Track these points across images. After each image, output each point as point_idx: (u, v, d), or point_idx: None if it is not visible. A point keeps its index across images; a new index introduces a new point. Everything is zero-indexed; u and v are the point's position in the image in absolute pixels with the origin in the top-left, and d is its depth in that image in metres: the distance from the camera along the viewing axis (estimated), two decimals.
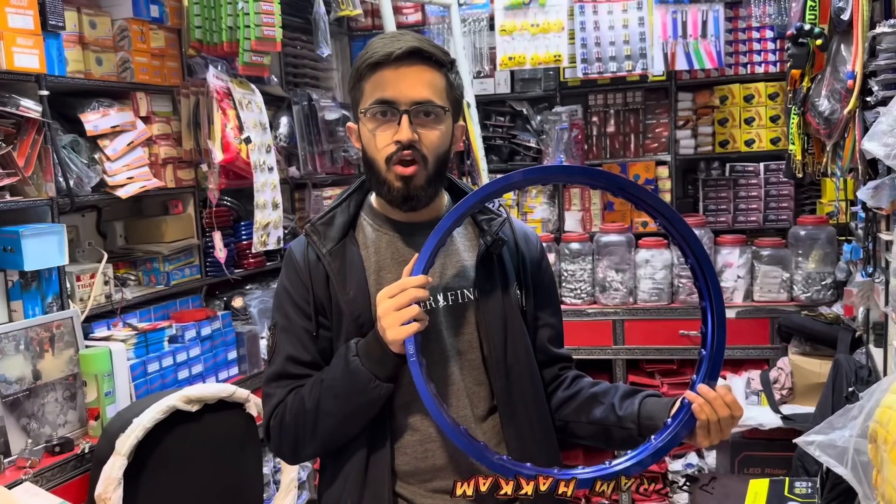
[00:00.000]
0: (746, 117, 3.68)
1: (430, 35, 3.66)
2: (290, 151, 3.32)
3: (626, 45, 3.41)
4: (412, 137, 1.24)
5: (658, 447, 1.21)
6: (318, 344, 1.33)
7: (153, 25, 2.68)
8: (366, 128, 1.28)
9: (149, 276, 2.75)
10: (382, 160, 1.27)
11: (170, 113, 2.78)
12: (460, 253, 1.37)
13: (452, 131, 1.32)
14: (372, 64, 1.25)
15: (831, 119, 2.23)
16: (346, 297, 1.30)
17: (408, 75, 1.24)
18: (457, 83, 1.32)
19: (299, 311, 1.33)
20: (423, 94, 1.25)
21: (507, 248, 1.38)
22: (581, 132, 3.74)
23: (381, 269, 1.34)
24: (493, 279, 1.34)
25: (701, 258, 1.17)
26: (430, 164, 1.27)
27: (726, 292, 3.56)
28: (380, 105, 1.25)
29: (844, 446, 1.40)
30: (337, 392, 1.25)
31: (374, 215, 1.38)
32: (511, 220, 1.42)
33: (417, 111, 1.25)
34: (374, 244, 1.35)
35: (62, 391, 2.27)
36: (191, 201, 2.86)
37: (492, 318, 1.33)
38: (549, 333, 1.44)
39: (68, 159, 2.35)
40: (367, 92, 1.27)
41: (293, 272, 1.35)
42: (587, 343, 3.65)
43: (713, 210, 3.77)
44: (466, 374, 1.33)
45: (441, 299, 1.33)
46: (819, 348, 3.11)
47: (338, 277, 1.31)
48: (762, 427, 3.02)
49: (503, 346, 1.33)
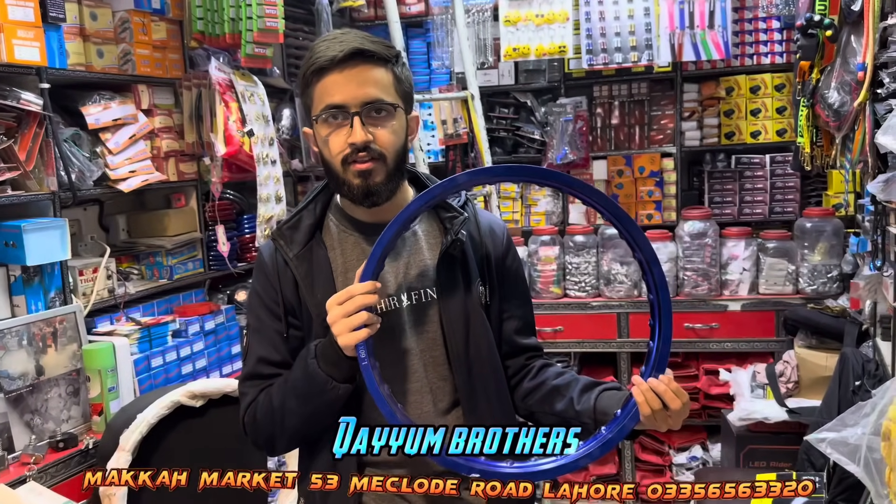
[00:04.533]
0: (752, 109, 3.65)
1: (433, 26, 3.63)
2: (292, 144, 3.29)
3: (631, 36, 3.38)
4: (366, 138, 1.25)
5: (607, 438, 1.24)
6: (289, 344, 1.36)
7: (155, 17, 2.65)
8: (320, 133, 1.30)
9: (152, 271, 2.74)
10: (339, 163, 1.28)
11: (172, 106, 2.76)
12: (423, 252, 1.38)
13: (406, 124, 1.34)
14: (316, 69, 1.26)
15: (841, 111, 2.21)
16: (313, 301, 1.32)
17: (353, 77, 1.25)
18: (404, 76, 1.33)
19: (269, 313, 1.36)
20: (371, 94, 1.26)
21: (472, 243, 1.40)
22: (586, 124, 3.71)
23: (348, 271, 1.35)
24: (455, 277, 1.36)
25: (647, 252, 1.19)
26: (388, 160, 1.29)
27: (731, 284, 3.55)
28: (330, 110, 1.26)
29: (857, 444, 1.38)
30: (298, 393, 1.29)
31: (341, 216, 1.39)
32: (477, 214, 1.44)
33: (368, 111, 1.26)
34: (340, 245, 1.37)
35: (65, 386, 2.26)
36: (193, 195, 2.85)
37: (454, 317, 1.35)
38: (515, 325, 1.45)
39: (70, 153, 2.33)
40: (317, 98, 1.28)
41: (263, 275, 1.38)
42: (592, 336, 3.64)
43: (718, 202, 3.74)
44: (430, 371, 1.36)
45: (405, 299, 1.36)
46: (825, 341, 3.09)
47: (305, 281, 1.33)
48: (767, 420, 3.00)
49: (465, 343, 1.36)
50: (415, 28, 3.83)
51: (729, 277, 3.56)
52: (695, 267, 3.53)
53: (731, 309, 3.51)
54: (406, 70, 1.34)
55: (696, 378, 3.58)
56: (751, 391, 3.19)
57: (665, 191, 3.76)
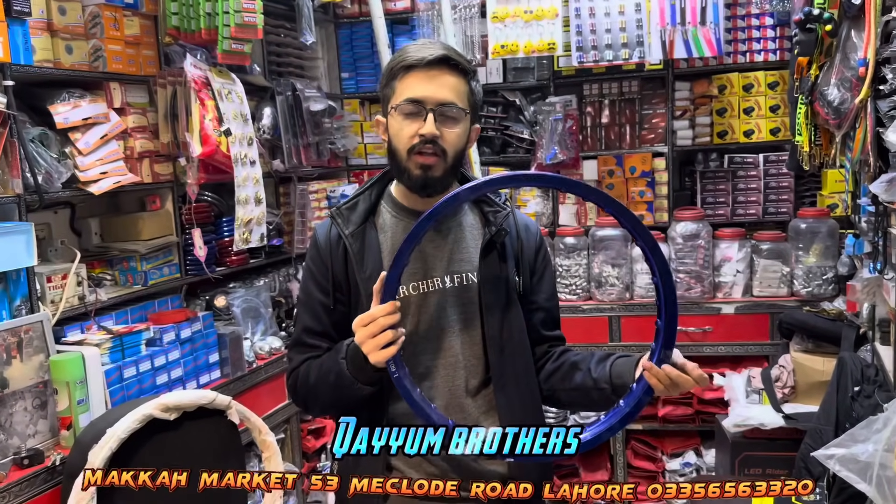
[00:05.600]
0: (745, 107, 3.58)
1: (418, 23, 3.53)
2: (273, 144, 3.19)
3: (622, 33, 3.29)
4: (435, 133, 1.39)
5: (626, 413, 1.33)
6: (333, 316, 1.49)
7: (127, 12, 2.54)
8: (395, 121, 1.43)
9: (126, 276, 2.62)
10: (405, 150, 1.41)
11: (146, 104, 2.64)
12: (467, 240, 1.51)
13: (469, 132, 1.48)
14: (406, 66, 1.41)
15: (841, 109, 2.13)
16: (362, 276, 1.45)
17: (436, 79, 1.40)
18: (477, 90, 1.48)
19: (318, 286, 1.50)
20: (448, 97, 1.41)
21: (509, 237, 1.53)
22: (575, 123, 3.62)
23: (395, 251, 1.42)
24: (495, 265, 1.50)
25: (647, 241, 1.29)
26: (448, 157, 1.42)
27: (725, 287, 3.48)
28: (410, 103, 1.40)
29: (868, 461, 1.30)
30: (328, 381, 1.42)
31: (393, 204, 1.52)
32: (514, 212, 1.58)
33: (442, 111, 1.40)
34: (391, 228, 1.50)
35: (32, 399, 2.14)
36: (169, 197, 2.73)
37: (492, 300, 1.48)
38: (541, 317, 1.57)
39: (36, 153, 2.22)
40: (399, 90, 1.42)
41: (315, 250, 1.53)
42: (583, 340, 3.55)
43: (711, 203, 3.67)
44: (466, 349, 1.48)
45: (448, 281, 1.48)
46: (822, 345, 3.02)
47: (357, 257, 1.47)
48: (763, 427, 2.93)
49: (500, 326, 1.48)
50: (400, 25, 3.73)
51: (722, 279, 3.49)
52: (687, 269, 3.46)
53: (725, 312, 3.44)
54: (479, 86, 1.50)
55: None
56: (746, 396, 3.12)
57: (657, 191, 3.68)
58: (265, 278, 3.20)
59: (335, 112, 3.23)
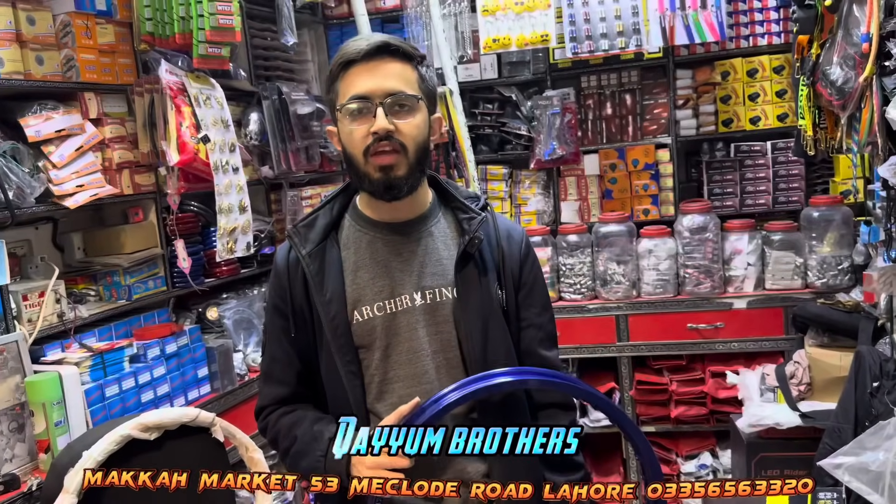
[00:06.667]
0: (750, 93, 3.44)
1: (408, 20, 3.44)
2: (263, 150, 3.10)
3: (617, 21, 3.18)
4: (388, 127, 1.27)
5: None
6: (296, 344, 1.40)
7: (100, 19, 2.46)
8: (344, 124, 1.31)
9: (109, 291, 2.55)
10: (360, 153, 1.29)
11: (124, 114, 2.57)
12: (439, 251, 1.38)
13: (429, 123, 1.35)
14: (344, 63, 1.31)
15: (845, 88, 2.01)
16: (322, 300, 1.35)
17: (379, 69, 1.29)
18: (428, 76, 1.36)
19: (278, 313, 1.41)
20: (395, 86, 1.29)
21: (489, 246, 1.39)
22: (574, 116, 3.51)
23: (358, 269, 1.37)
24: (473, 278, 1.37)
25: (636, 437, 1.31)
26: (409, 152, 1.30)
27: (735, 281, 3.35)
28: (355, 101, 1.29)
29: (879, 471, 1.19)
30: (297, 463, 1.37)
31: (357, 216, 1.41)
32: (495, 217, 1.45)
33: (392, 102, 1.29)
34: (354, 244, 1.39)
35: (8, 423, 2.07)
36: (152, 208, 2.65)
37: (471, 317, 1.35)
38: (536, 335, 1.44)
39: (6, 168, 2.15)
40: (342, 90, 1.32)
41: (275, 274, 1.43)
42: (589, 341, 3.44)
43: (719, 194, 3.54)
44: (443, 374, 1.36)
45: (419, 297, 1.36)
46: (838, 339, 2.89)
47: (315, 279, 1.36)
48: (779, 426, 2.80)
49: (483, 346, 1.35)
50: (391, 24, 3.64)
51: (733, 273, 3.35)
52: (696, 264, 3.33)
53: (737, 307, 3.30)
54: (430, 72, 1.37)
55: (702, 381, 3.37)
56: (760, 395, 2.99)
57: (661, 184, 3.55)
58: (258, 288, 3.12)
59: (324, 115, 3.14)
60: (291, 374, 1.42)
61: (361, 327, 1.36)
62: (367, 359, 1.38)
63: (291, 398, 1.45)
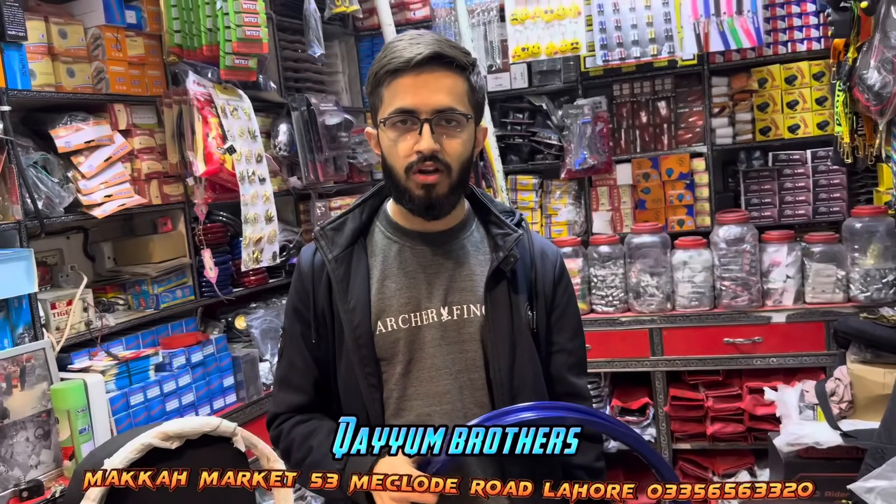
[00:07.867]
0: (789, 101, 3.34)
1: (438, 31, 3.43)
2: (292, 161, 3.12)
3: (649, 28, 3.12)
4: (434, 147, 1.21)
5: None
6: (316, 351, 1.35)
7: (130, 32, 2.51)
8: (386, 136, 1.25)
9: (138, 300, 2.58)
10: (402, 169, 1.24)
11: (154, 125, 2.61)
12: (471, 266, 1.33)
13: (475, 136, 1.29)
14: (391, 70, 1.22)
15: (883, 93, 1.93)
16: (345, 307, 1.29)
17: (428, 82, 1.21)
18: (478, 85, 1.28)
19: (299, 318, 1.35)
20: (444, 102, 1.21)
21: (522, 265, 1.33)
22: (606, 125, 3.45)
23: (385, 278, 1.32)
24: (504, 296, 1.30)
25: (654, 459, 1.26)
26: (453, 172, 1.24)
27: (774, 294, 3.24)
28: (400, 114, 1.22)
29: None
30: (309, 476, 1.28)
31: (388, 223, 1.35)
32: (531, 235, 1.39)
33: (439, 119, 1.22)
34: (382, 252, 1.33)
35: (34, 429, 2.10)
36: (181, 218, 2.68)
37: (499, 337, 1.29)
38: (567, 360, 1.39)
39: (36, 179, 2.19)
40: (387, 100, 1.24)
41: (298, 277, 1.37)
42: (622, 355, 3.36)
43: (756, 204, 3.44)
44: (466, 395, 1.31)
45: (445, 313, 1.30)
46: (882, 355, 2.76)
47: (340, 286, 1.30)
48: (819, 445, 2.68)
49: (510, 368, 1.29)
50: None
51: (771, 286, 3.24)
52: (733, 276, 3.23)
53: (775, 321, 3.20)
54: (480, 79, 1.29)
55: (739, 398, 3.26)
56: (799, 412, 2.87)
57: (697, 194, 3.47)
58: (286, 298, 3.13)
59: (352, 126, 3.14)
60: (309, 381, 1.37)
61: (384, 339, 1.31)
62: (387, 372, 1.33)
63: (307, 407, 1.40)
